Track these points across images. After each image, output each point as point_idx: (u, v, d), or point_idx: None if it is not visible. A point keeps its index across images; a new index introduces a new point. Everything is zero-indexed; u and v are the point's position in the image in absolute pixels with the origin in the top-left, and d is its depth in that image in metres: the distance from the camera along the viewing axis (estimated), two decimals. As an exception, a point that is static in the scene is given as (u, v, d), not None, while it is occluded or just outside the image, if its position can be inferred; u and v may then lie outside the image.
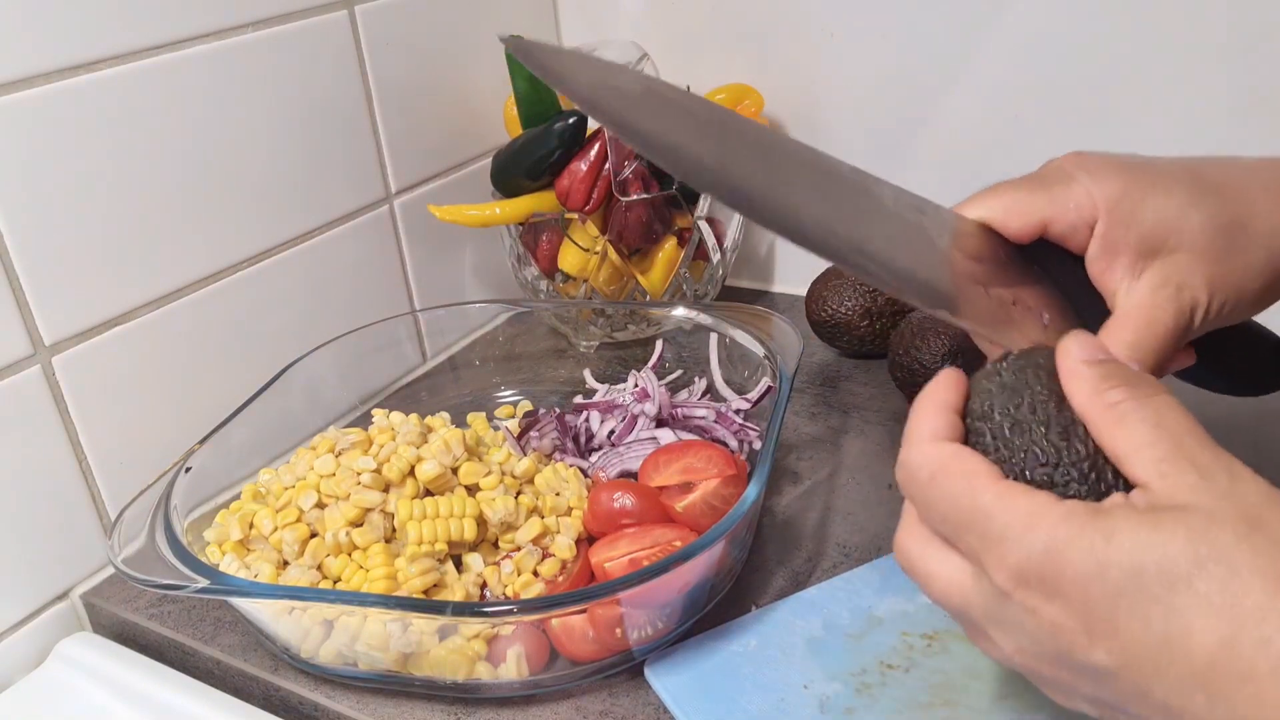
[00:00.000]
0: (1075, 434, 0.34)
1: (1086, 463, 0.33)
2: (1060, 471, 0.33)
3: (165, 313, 0.64)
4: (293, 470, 0.59)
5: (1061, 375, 0.35)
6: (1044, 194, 0.39)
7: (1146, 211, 0.38)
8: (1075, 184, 0.39)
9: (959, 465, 0.34)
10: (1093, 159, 0.39)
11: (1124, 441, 0.32)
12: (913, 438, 0.35)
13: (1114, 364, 0.34)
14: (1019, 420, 0.35)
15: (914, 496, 0.35)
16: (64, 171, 0.57)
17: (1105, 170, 0.39)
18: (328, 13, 0.71)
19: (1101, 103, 0.73)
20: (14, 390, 0.57)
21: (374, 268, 0.79)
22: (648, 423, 0.66)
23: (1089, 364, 0.34)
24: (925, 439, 0.35)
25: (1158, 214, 0.38)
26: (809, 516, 0.62)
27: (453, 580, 0.54)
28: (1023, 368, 0.36)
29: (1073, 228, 0.39)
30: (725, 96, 0.82)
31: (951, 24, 0.76)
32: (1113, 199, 0.38)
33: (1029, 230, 0.39)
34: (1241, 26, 0.67)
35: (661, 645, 0.52)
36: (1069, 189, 0.39)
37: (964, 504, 0.33)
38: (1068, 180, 0.39)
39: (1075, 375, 0.34)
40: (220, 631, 0.57)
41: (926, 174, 0.81)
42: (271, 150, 0.69)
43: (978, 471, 0.33)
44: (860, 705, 0.47)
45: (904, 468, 0.35)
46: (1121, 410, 0.32)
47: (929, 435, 0.35)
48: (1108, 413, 0.33)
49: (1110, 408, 0.33)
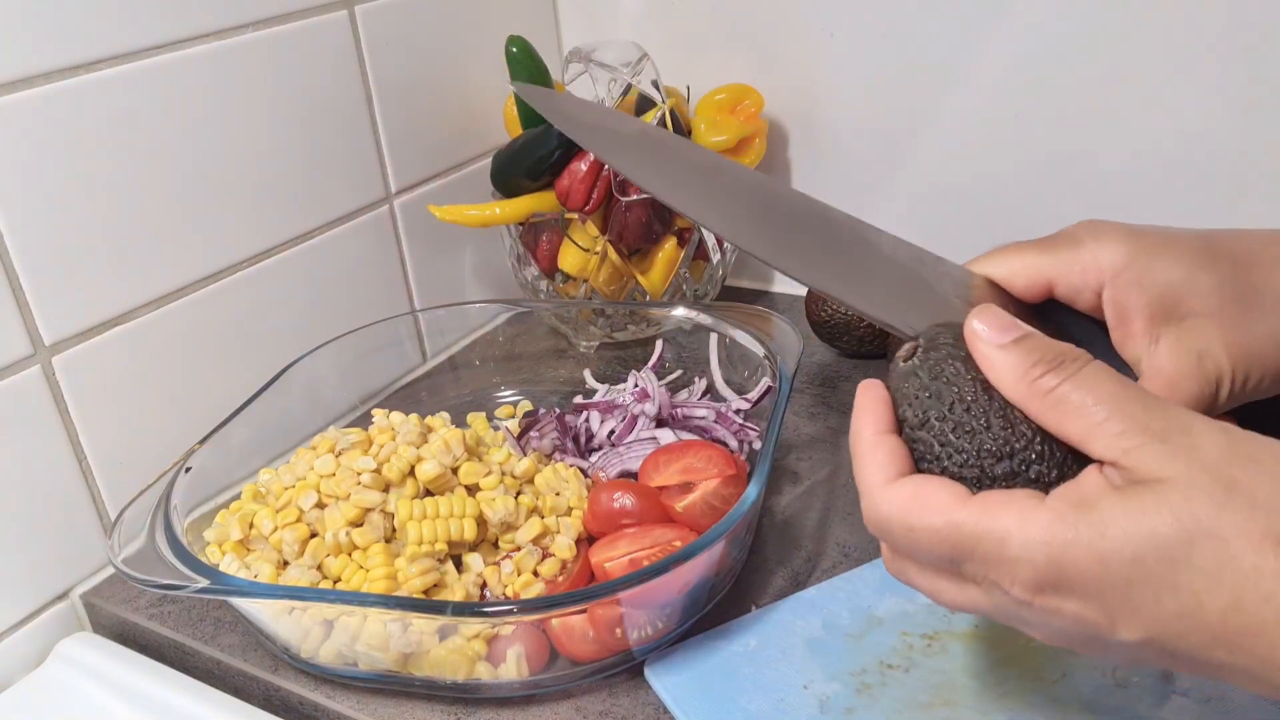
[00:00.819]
0: (1015, 417, 0.34)
1: (1038, 440, 0.34)
2: (1017, 460, 0.34)
3: (165, 313, 0.64)
4: (293, 470, 0.59)
5: (979, 364, 0.35)
6: (1050, 255, 0.39)
7: (1155, 275, 0.38)
8: (1082, 248, 0.39)
9: (927, 504, 0.34)
10: (1102, 225, 0.40)
11: (1074, 427, 0.33)
12: (867, 488, 0.36)
13: (1028, 340, 0.34)
14: (958, 422, 0.35)
15: (898, 548, 0.36)
16: (64, 171, 0.57)
17: (1112, 235, 0.39)
18: (328, 13, 0.71)
19: (1101, 102, 0.73)
20: (14, 390, 0.57)
21: (374, 268, 0.79)
22: (648, 423, 0.66)
23: (1003, 348, 0.34)
24: (879, 486, 0.35)
25: (1166, 277, 0.38)
26: (809, 516, 0.62)
27: (453, 580, 0.54)
28: (937, 361, 0.36)
29: (1076, 290, 0.39)
30: (725, 96, 0.82)
31: (951, 24, 0.76)
32: (1119, 263, 0.38)
33: (1035, 289, 0.40)
34: (1241, 26, 0.67)
35: (661, 645, 0.52)
36: (1076, 252, 0.39)
37: (951, 539, 0.33)
38: (1075, 244, 0.39)
39: (994, 364, 0.34)
40: (220, 631, 0.57)
41: (927, 173, 0.81)
42: (271, 150, 0.69)
43: (946, 502, 0.33)
44: (860, 705, 0.47)
45: (874, 525, 0.36)
46: (1058, 395, 0.33)
47: (881, 481, 0.35)
48: (1045, 400, 0.33)
49: (1046, 395, 0.33)
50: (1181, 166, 0.72)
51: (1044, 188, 0.77)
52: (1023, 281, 0.40)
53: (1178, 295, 0.38)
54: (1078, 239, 0.39)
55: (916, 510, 0.34)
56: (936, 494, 0.34)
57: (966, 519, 0.33)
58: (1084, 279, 0.39)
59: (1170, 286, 0.38)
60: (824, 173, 0.86)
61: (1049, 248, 0.40)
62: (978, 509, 0.33)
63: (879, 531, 0.36)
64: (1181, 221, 0.75)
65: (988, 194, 0.79)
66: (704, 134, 0.80)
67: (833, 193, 0.85)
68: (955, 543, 0.33)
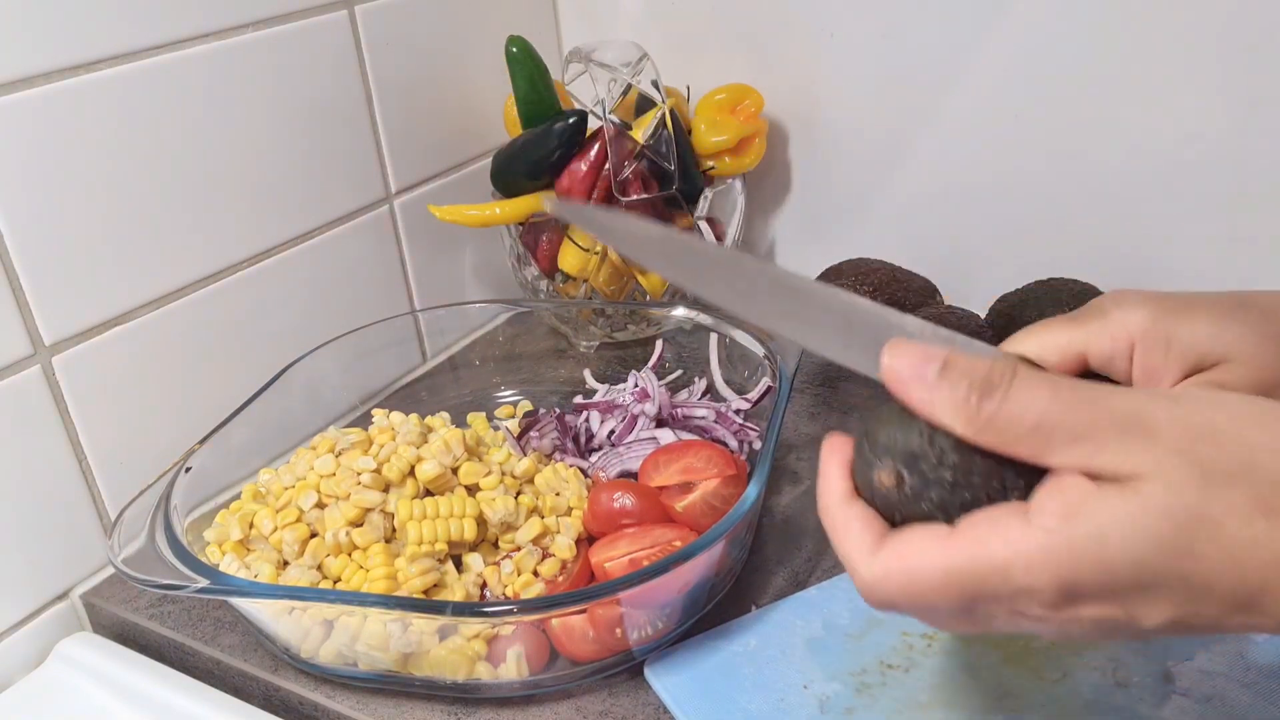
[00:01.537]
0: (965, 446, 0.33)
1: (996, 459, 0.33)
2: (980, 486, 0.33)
3: (165, 313, 0.64)
4: (293, 470, 0.59)
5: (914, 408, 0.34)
6: (1079, 329, 0.39)
7: (1181, 332, 0.38)
8: (1109, 317, 0.39)
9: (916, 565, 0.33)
10: (1127, 293, 0.40)
11: (1029, 450, 0.32)
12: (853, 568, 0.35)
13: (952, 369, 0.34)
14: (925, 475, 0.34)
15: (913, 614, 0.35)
16: (64, 171, 0.57)
17: (1137, 301, 0.39)
18: (328, 13, 0.71)
19: (1101, 103, 0.73)
20: (14, 390, 0.57)
21: (374, 268, 0.79)
22: (648, 423, 0.66)
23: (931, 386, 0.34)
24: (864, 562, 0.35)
25: (1193, 332, 0.38)
26: (809, 516, 0.62)
27: (453, 580, 0.54)
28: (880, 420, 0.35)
29: (1109, 358, 0.39)
30: (725, 97, 0.82)
31: (951, 24, 0.76)
32: (1146, 324, 0.38)
33: (1068, 363, 0.40)
34: (1242, 26, 0.67)
35: (661, 645, 0.52)
36: (1103, 322, 0.39)
37: (955, 588, 0.33)
38: (1102, 314, 0.39)
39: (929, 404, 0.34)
40: (220, 631, 0.57)
41: (926, 173, 0.81)
42: (271, 150, 0.69)
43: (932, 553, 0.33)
44: (860, 705, 0.47)
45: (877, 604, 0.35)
46: (999, 423, 0.32)
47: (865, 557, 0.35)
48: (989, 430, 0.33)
49: (988, 424, 0.33)
50: (1181, 166, 0.72)
51: (1044, 187, 0.77)
52: (1055, 357, 0.39)
53: (1204, 348, 0.38)
54: (1104, 309, 0.40)
55: (909, 575, 0.33)
56: (919, 547, 0.33)
57: (960, 563, 0.32)
58: (1114, 346, 0.39)
59: (1197, 341, 0.38)
60: (824, 173, 0.86)
61: (1077, 321, 0.40)
62: (966, 547, 0.32)
63: (885, 609, 0.35)
64: (1182, 222, 0.76)
65: (987, 194, 0.79)
66: (704, 134, 0.80)
67: (833, 192, 0.86)
68: (960, 590, 0.33)
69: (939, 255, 0.81)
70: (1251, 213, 0.71)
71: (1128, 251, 0.76)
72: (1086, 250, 0.76)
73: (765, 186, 0.89)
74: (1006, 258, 0.79)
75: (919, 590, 0.33)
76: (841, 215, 0.86)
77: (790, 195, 0.89)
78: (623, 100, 0.76)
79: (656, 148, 0.74)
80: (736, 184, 0.83)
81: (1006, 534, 0.32)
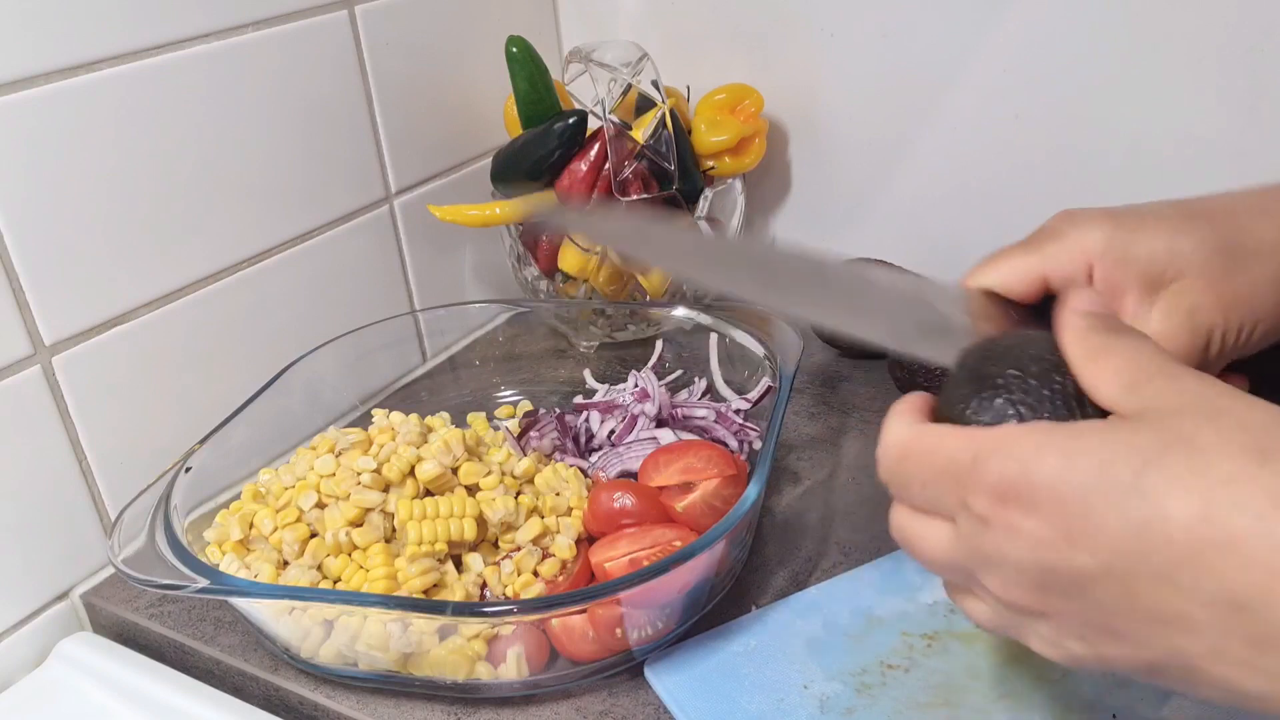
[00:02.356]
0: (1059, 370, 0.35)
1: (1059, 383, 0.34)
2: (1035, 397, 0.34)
3: (165, 312, 0.64)
4: (293, 470, 0.59)
5: (1056, 324, 0.36)
6: (1037, 253, 0.40)
7: (1138, 248, 0.39)
8: (1065, 238, 0.40)
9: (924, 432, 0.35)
10: (1078, 213, 0.41)
11: (1094, 374, 0.34)
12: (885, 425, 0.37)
13: (1104, 314, 0.36)
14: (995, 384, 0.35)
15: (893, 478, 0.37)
16: (64, 171, 0.57)
17: (1091, 220, 0.40)
18: (328, 13, 0.71)
19: (1101, 103, 0.73)
20: (14, 390, 0.57)
21: (374, 268, 0.79)
22: (648, 423, 0.66)
23: (1079, 314, 0.36)
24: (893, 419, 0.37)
25: (1149, 247, 0.39)
26: (809, 516, 0.62)
27: (453, 580, 0.54)
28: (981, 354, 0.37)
29: (1070, 279, 0.40)
30: (725, 97, 0.82)
31: (951, 24, 0.76)
32: (1102, 243, 0.39)
33: (1031, 290, 0.41)
34: (1241, 26, 0.67)
35: (661, 645, 0.52)
36: (1060, 243, 0.40)
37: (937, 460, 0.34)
38: (1058, 236, 0.40)
39: (1066, 324, 0.36)
40: (220, 631, 0.57)
41: (926, 172, 0.81)
42: (271, 150, 0.69)
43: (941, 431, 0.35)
44: (860, 705, 0.47)
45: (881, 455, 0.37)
46: (1095, 346, 0.34)
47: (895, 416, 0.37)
48: (1085, 350, 0.34)
49: (1088, 347, 0.34)
50: (1181, 166, 0.72)
51: (1044, 187, 0.77)
52: (1017, 285, 0.40)
53: (1162, 263, 0.39)
54: (1059, 231, 0.40)
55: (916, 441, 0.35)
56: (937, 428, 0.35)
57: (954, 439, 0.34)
58: (1073, 267, 0.40)
59: (1154, 256, 0.39)
60: (824, 172, 0.86)
61: (1033, 246, 0.41)
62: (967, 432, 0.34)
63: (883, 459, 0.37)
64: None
65: (987, 193, 0.79)
66: (704, 134, 0.80)
67: (833, 192, 0.86)
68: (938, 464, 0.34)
69: (939, 255, 0.81)
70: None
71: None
72: (1086, 250, 0.77)
73: (765, 186, 0.89)
74: (1006, 258, 0.79)
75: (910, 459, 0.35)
76: (841, 215, 0.86)
77: (790, 195, 0.89)
78: (623, 100, 0.76)
79: (656, 148, 0.74)
80: (736, 184, 0.83)
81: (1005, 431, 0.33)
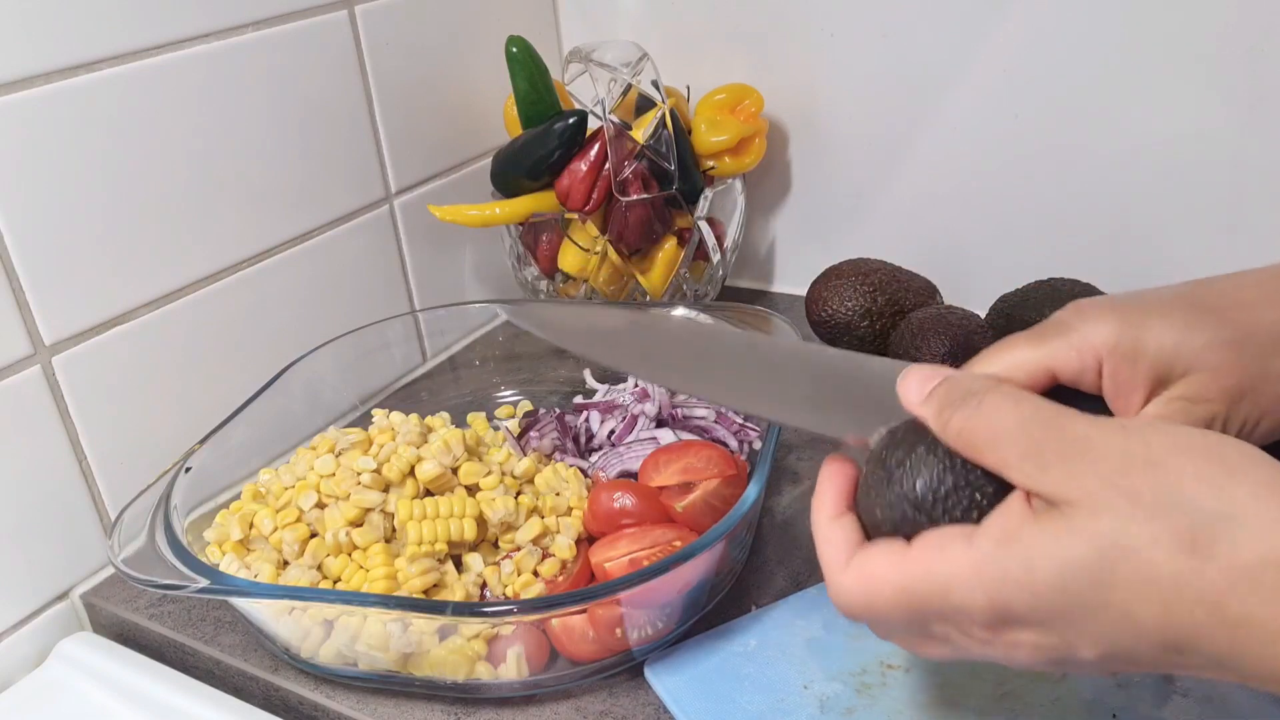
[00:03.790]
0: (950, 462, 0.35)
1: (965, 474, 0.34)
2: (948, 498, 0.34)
3: (165, 313, 0.64)
4: (293, 470, 0.59)
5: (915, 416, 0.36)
6: (1042, 347, 0.40)
7: (1148, 344, 0.38)
8: (1073, 332, 0.39)
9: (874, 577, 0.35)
10: (1087, 305, 0.40)
11: (989, 459, 0.34)
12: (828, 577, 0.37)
13: (942, 386, 0.36)
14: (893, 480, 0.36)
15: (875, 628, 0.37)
16: (64, 171, 0.57)
17: (1100, 313, 0.39)
18: (328, 13, 0.71)
19: (1101, 102, 0.73)
20: (14, 390, 0.57)
21: (374, 268, 0.79)
22: (648, 423, 0.66)
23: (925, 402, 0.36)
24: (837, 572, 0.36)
25: (1159, 343, 0.38)
26: (809, 516, 0.62)
27: (453, 580, 0.54)
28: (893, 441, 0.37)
29: (1078, 374, 0.39)
30: (725, 97, 0.82)
31: (952, 23, 0.76)
32: (1111, 339, 0.38)
33: (1037, 382, 0.40)
34: (1241, 26, 0.67)
35: (661, 645, 0.52)
36: (1066, 338, 0.39)
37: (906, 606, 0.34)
38: (1065, 331, 0.39)
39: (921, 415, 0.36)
40: (220, 631, 0.57)
41: (926, 172, 0.81)
42: (271, 150, 0.69)
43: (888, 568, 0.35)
44: (860, 705, 0.47)
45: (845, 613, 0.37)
46: (967, 434, 0.34)
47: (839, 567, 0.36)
48: (960, 441, 0.34)
49: (958, 435, 0.34)
50: (1181, 166, 0.72)
51: (1044, 187, 0.77)
52: (1022, 377, 0.40)
53: (1170, 359, 0.38)
54: (1065, 324, 0.40)
55: (870, 588, 0.35)
56: (879, 563, 0.35)
57: (912, 580, 0.34)
58: (1082, 363, 0.39)
59: (1162, 352, 0.38)
60: (824, 173, 0.86)
61: (1040, 338, 0.40)
62: (919, 564, 0.34)
63: (851, 618, 0.37)
64: (1182, 221, 0.76)
65: (987, 194, 0.79)
66: (704, 134, 0.80)
67: (833, 192, 0.86)
68: (911, 607, 0.34)
69: (939, 255, 0.81)
70: (1251, 212, 0.71)
71: (1128, 251, 0.76)
72: (1086, 250, 0.76)
73: (765, 186, 0.89)
74: (1006, 258, 0.79)
75: (876, 604, 0.35)
76: (841, 215, 0.86)
77: (790, 195, 0.89)
78: (623, 100, 0.76)
79: (656, 148, 0.74)
80: (736, 184, 0.83)
81: (949, 554, 0.33)
